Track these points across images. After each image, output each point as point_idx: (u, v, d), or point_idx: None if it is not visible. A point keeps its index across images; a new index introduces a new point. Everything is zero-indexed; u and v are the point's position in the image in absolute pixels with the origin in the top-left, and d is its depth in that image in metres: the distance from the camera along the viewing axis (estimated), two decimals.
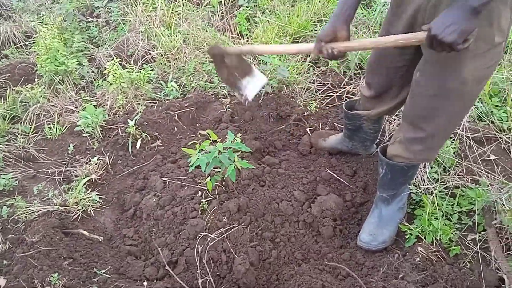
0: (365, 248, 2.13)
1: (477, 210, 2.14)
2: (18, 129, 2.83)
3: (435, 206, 2.14)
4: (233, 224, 2.11)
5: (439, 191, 2.27)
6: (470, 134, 2.54)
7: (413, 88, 1.80)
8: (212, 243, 2.04)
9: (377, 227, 2.15)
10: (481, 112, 2.68)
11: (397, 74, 1.98)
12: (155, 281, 2.01)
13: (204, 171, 2.04)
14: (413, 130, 1.87)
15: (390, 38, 1.61)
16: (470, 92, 1.68)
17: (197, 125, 2.93)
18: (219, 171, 2.21)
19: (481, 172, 2.33)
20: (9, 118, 2.91)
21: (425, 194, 2.23)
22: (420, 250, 2.02)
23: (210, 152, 2.06)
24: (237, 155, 2.16)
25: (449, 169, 2.39)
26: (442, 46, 1.42)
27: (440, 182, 2.31)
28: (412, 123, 1.87)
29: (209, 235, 2.05)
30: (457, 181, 2.29)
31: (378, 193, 2.21)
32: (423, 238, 2.09)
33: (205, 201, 2.20)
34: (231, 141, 2.14)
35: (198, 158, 2.06)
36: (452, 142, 2.46)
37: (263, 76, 2.05)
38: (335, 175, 2.47)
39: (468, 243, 2.07)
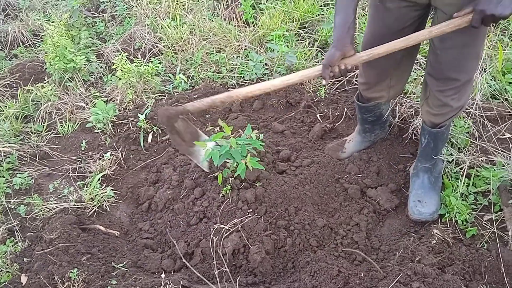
0: (422, 220, 2.12)
1: (493, 189, 2.11)
2: (31, 128, 2.86)
3: (452, 188, 2.13)
4: (247, 215, 2.11)
5: (454, 172, 2.25)
6: (484, 113, 2.50)
7: (438, 45, 1.81)
8: (226, 234, 2.05)
9: (425, 196, 2.15)
10: (494, 90, 2.63)
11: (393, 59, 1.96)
12: (172, 273, 2.03)
13: (216, 165, 2.05)
14: (445, 83, 1.89)
15: (419, 35, 1.68)
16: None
17: (207, 116, 2.93)
18: (232, 164, 2.20)
19: (496, 151, 2.30)
20: (21, 117, 2.94)
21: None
22: (436, 233, 2.01)
23: (222, 146, 2.06)
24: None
25: (463, 149, 2.35)
26: (495, 21, 1.51)
27: (455, 163, 2.28)
28: (443, 77, 1.88)
29: (224, 226, 2.06)
30: (472, 161, 2.26)
31: (419, 164, 2.22)
32: (439, 219, 2.09)
33: (224, 190, 2.21)
34: (247, 136, 2.12)
35: (210, 152, 2.06)
36: (466, 122, 2.43)
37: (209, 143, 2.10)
38: (347, 161, 2.45)
39: (484, 223, 2.05)
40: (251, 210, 2.14)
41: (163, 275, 1.94)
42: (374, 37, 1.91)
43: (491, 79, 2.68)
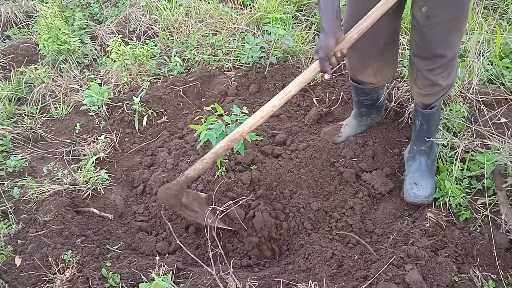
0: (417, 203, 2.12)
1: (487, 174, 2.11)
2: (24, 110, 2.84)
3: (447, 172, 2.13)
4: (242, 197, 2.11)
5: (449, 156, 2.25)
6: (480, 97, 2.49)
7: (423, 23, 1.80)
8: (221, 216, 2.05)
9: (422, 179, 2.15)
10: (491, 74, 2.61)
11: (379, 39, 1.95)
12: (167, 255, 2.04)
13: (214, 145, 2.04)
14: (433, 61, 1.88)
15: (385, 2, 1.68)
16: None
17: (202, 99, 2.91)
18: None
19: (492, 136, 2.29)
20: (15, 99, 2.91)
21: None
22: (429, 216, 2.01)
23: (216, 127, 2.05)
24: None
25: (459, 134, 2.35)
26: None
27: (450, 147, 2.28)
28: (431, 55, 1.87)
29: (219, 208, 2.05)
30: (467, 145, 2.26)
31: (415, 147, 2.22)
32: (433, 202, 2.09)
33: (219, 172, 2.20)
34: (237, 114, 2.12)
35: (206, 134, 2.05)
36: (462, 106, 2.42)
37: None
38: (343, 145, 2.45)
39: (478, 207, 2.06)
40: (246, 192, 2.13)
41: (157, 257, 1.94)
42: (355, 19, 1.86)
43: (488, 64, 2.66)
